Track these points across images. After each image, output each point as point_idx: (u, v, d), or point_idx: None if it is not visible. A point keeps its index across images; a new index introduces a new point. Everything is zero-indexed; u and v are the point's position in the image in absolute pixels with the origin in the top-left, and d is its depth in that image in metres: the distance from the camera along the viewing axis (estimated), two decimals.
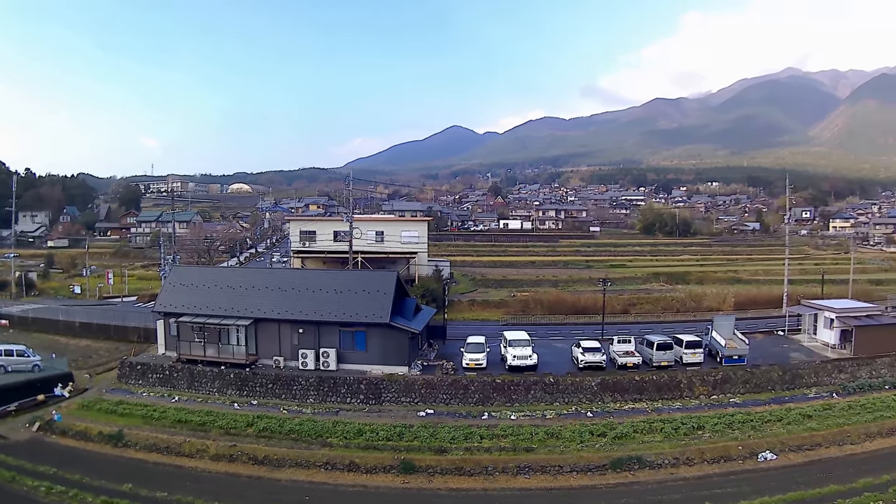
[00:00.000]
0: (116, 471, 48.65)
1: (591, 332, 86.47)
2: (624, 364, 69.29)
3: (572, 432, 53.84)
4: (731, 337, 77.42)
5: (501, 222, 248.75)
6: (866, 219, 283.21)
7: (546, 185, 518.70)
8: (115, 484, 45.78)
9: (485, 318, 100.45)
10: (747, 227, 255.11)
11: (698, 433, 55.51)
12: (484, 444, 51.75)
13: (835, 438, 57.11)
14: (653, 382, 65.55)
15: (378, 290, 68.67)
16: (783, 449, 54.81)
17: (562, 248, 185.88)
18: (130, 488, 45.39)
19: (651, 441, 53.69)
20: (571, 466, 49.13)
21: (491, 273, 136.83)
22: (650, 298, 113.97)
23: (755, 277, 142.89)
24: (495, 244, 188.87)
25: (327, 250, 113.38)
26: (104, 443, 54.56)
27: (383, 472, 48.19)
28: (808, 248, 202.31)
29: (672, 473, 49.51)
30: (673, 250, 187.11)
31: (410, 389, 62.36)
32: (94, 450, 53.63)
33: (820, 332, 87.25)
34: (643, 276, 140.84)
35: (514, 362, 67.25)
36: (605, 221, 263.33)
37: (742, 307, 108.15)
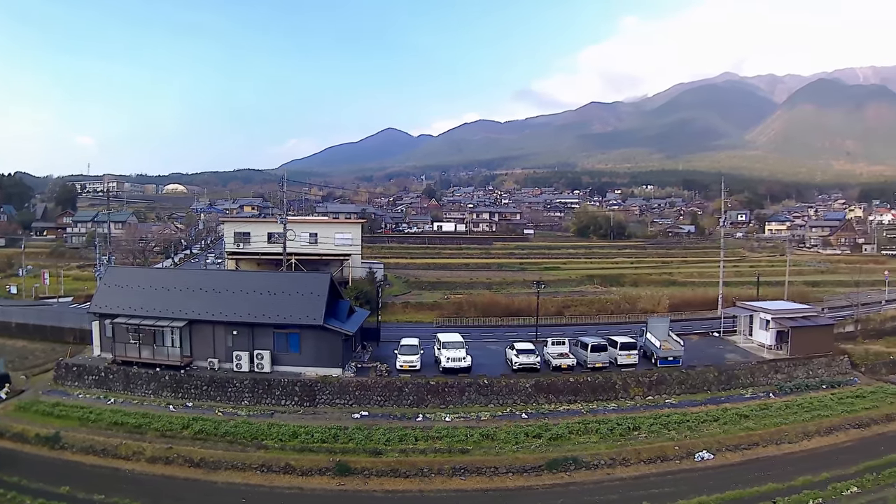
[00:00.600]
0: (54, 473, 49.44)
1: (525, 334, 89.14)
2: (558, 366, 71.40)
3: (507, 434, 55.54)
4: (666, 338, 79.77)
5: (435, 225, 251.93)
6: (802, 222, 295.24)
7: (480, 187, 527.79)
8: (52, 486, 46.64)
9: (418, 320, 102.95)
10: (682, 230, 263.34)
11: (634, 434, 57.57)
12: (419, 446, 53.29)
13: (772, 438, 59.62)
14: (587, 384, 67.92)
15: (312, 292, 70.54)
16: (720, 448, 56.88)
17: (496, 250, 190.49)
18: (68, 491, 46.17)
19: (587, 442, 55.55)
20: (507, 467, 50.68)
21: (425, 275, 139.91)
22: (584, 300, 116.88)
23: (690, 279, 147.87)
24: (429, 246, 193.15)
25: (261, 252, 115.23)
26: (41, 445, 55.20)
27: (319, 475, 49.38)
28: (743, 250, 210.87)
29: (609, 474, 51.26)
30: (607, 253, 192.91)
31: (345, 391, 63.98)
32: (32, 452, 54.31)
33: (756, 334, 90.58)
34: (577, 279, 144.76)
35: (448, 364, 69.08)
36: (540, 224, 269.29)
37: (677, 309, 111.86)
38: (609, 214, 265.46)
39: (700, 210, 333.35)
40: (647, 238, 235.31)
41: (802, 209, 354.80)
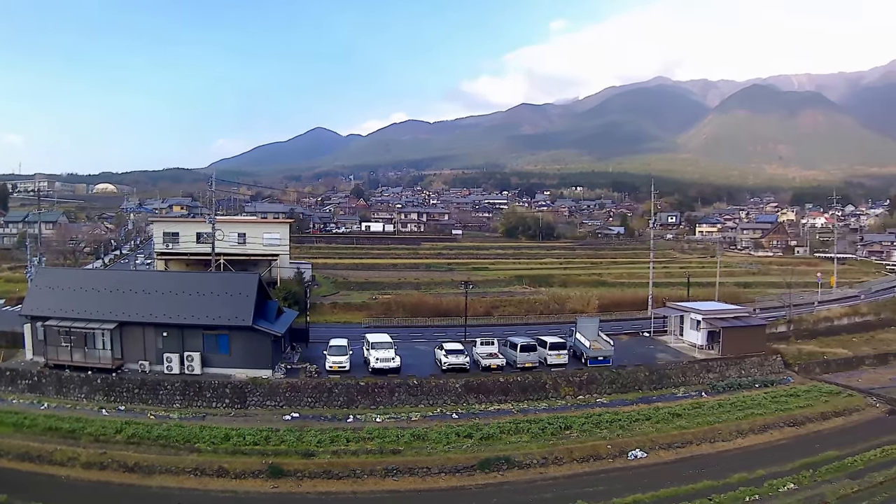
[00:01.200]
0: None
1: (454, 334, 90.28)
2: (488, 366, 72.82)
3: (438, 434, 56.55)
4: (596, 338, 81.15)
5: (363, 225, 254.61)
6: (734, 224, 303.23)
7: (409, 188, 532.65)
8: None
9: (347, 321, 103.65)
10: (612, 231, 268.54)
11: (566, 433, 58.88)
12: (351, 447, 53.94)
13: (705, 436, 61.08)
14: (517, 384, 69.52)
15: (240, 293, 71.26)
16: (653, 447, 58.06)
17: (424, 250, 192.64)
18: (6, 499, 45.53)
19: (518, 441, 56.66)
20: (439, 468, 51.50)
21: (353, 275, 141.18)
22: (513, 301, 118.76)
23: (620, 280, 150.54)
24: (357, 247, 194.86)
25: (190, 252, 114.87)
26: None
27: (252, 477, 49.73)
28: (673, 251, 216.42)
29: (541, 473, 52.32)
30: (536, 253, 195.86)
31: (275, 393, 64.79)
32: None
33: (687, 334, 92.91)
34: (506, 279, 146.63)
35: (378, 365, 70.19)
36: (468, 225, 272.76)
37: (606, 309, 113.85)
38: (538, 215, 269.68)
39: (630, 212, 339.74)
40: (577, 239, 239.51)
41: (734, 212, 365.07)
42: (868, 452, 58.69)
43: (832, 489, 50.59)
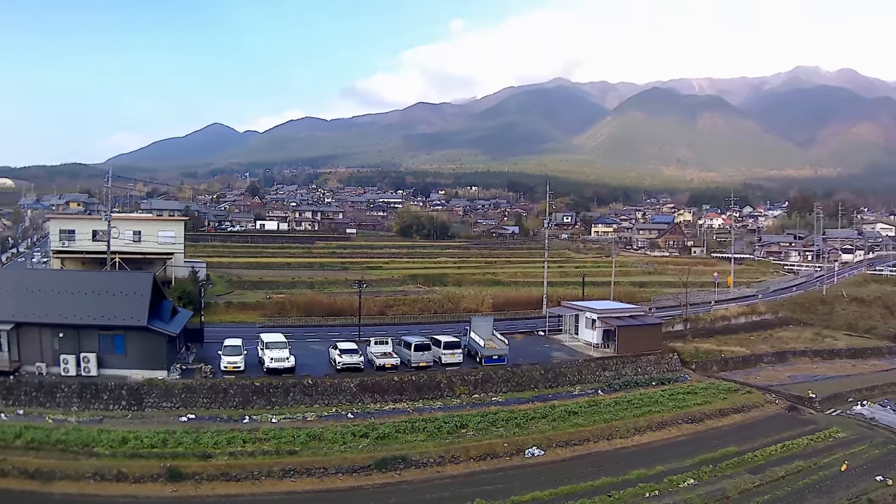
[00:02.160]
0: None
1: (349, 333, 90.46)
2: (382, 365, 74.09)
3: (334, 434, 57.21)
4: (490, 337, 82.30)
5: (258, 223, 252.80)
6: (630, 224, 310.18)
7: (304, 186, 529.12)
8: None
9: (242, 321, 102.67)
10: (506, 231, 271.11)
11: (462, 431, 60.10)
12: (247, 449, 54.21)
13: (603, 433, 62.84)
14: (412, 383, 70.71)
15: (135, 292, 70.68)
16: (550, 445, 59.25)
17: (318, 249, 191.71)
18: None
19: (415, 440, 57.70)
20: (336, 468, 52.31)
21: (247, 274, 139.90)
22: (407, 300, 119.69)
23: (514, 280, 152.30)
24: (252, 245, 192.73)
25: (86, 250, 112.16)
26: None
27: (151, 481, 49.42)
28: (568, 251, 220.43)
29: (439, 472, 53.62)
30: (430, 252, 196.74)
31: (171, 394, 64.45)
32: None
33: (582, 332, 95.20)
34: (400, 278, 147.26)
35: (272, 365, 70.72)
36: (362, 223, 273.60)
37: (501, 308, 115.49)
38: (432, 214, 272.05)
39: (525, 211, 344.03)
40: (471, 238, 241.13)
41: (630, 212, 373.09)
42: (768, 448, 61.46)
43: (733, 484, 52.56)
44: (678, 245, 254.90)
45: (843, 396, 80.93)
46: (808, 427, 68.85)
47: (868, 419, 72.90)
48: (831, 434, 66.60)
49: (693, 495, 50.13)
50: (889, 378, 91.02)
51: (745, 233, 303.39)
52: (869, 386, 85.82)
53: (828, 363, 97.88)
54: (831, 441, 64.91)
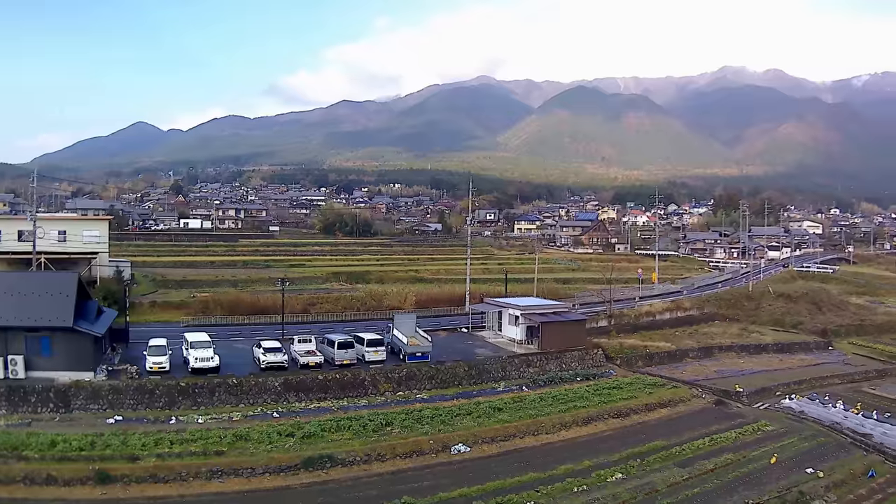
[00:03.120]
0: None
1: (272, 332, 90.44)
2: (306, 363, 74.76)
3: (260, 433, 57.47)
4: (413, 334, 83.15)
5: (182, 221, 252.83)
6: (553, 221, 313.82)
7: (228, 184, 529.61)
8: None
9: (166, 320, 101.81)
10: (429, 228, 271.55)
11: (387, 429, 60.50)
12: (175, 450, 53.86)
13: (529, 429, 63.52)
14: (336, 381, 71.29)
15: (60, 293, 70.54)
16: (477, 441, 59.60)
17: (241, 247, 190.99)
18: None
19: (340, 439, 58.10)
20: (264, 468, 52.51)
21: (171, 273, 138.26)
22: (330, 298, 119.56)
23: (437, 277, 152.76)
24: (175, 244, 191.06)
25: (12, 251, 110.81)
26: None
27: (81, 484, 48.88)
28: (491, 248, 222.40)
29: (365, 470, 54.01)
30: (353, 250, 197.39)
31: (98, 396, 64.15)
32: None
33: (505, 329, 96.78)
34: (323, 276, 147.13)
35: (197, 364, 70.92)
36: (285, 221, 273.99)
37: (424, 305, 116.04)
38: (355, 212, 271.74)
39: (448, 209, 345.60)
40: (394, 236, 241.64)
41: (554, 209, 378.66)
42: (696, 441, 62.67)
43: (662, 478, 53.30)
44: (602, 242, 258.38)
45: (770, 390, 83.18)
46: (735, 421, 70.29)
47: (797, 412, 74.87)
48: (760, 427, 68.03)
49: (622, 489, 50.59)
50: (817, 372, 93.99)
51: (670, 230, 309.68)
52: (797, 380, 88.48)
53: (755, 358, 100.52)
54: (760, 434, 66.31)
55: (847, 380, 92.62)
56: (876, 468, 58.81)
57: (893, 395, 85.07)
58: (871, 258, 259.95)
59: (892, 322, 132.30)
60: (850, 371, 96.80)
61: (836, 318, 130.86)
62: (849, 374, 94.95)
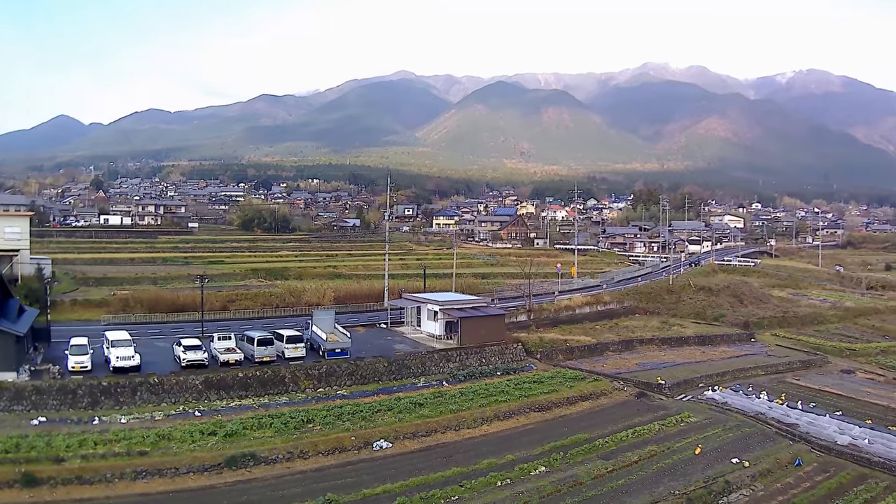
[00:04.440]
0: None
1: (192, 329, 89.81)
2: (226, 361, 74.73)
3: (183, 433, 57.42)
4: (332, 331, 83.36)
5: (102, 217, 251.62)
6: (472, 217, 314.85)
7: (147, 179, 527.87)
8: None
9: (87, 319, 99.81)
10: (347, 224, 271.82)
11: (309, 426, 61.01)
12: (99, 451, 53.66)
13: (450, 424, 64.18)
14: (257, 378, 71.88)
15: None
16: (398, 437, 60.02)
17: (161, 244, 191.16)
18: None
19: (262, 437, 58.52)
20: (187, 467, 52.62)
21: (92, 271, 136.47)
22: (249, 294, 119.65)
23: (355, 272, 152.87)
24: (96, 240, 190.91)
25: None
26: None
27: (8, 487, 48.69)
28: (410, 243, 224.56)
29: (288, 468, 54.49)
30: (272, 246, 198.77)
31: (21, 396, 63.49)
32: None
33: (425, 324, 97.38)
34: (242, 272, 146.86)
35: (118, 363, 70.39)
36: (204, 217, 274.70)
37: (343, 301, 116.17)
38: (274, 208, 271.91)
39: (366, 204, 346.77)
40: (312, 231, 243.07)
41: (472, 205, 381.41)
42: (619, 434, 63.64)
43: (586, 470, 54.05)
44: (521, 237, 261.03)
45: (693, 382, 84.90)
46: (658, 413, 71.64)
47: (720, 404, 76.43)
48: (683, 419, 69.52)
49: (545, 483, 51.12)
50: (740, 364, 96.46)
51: (590, 225, 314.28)
52: (720, 372, 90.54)
53: (676, 350, 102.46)
54: (683, 426, 67.73)
55: (771, 371, 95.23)
56: (802, 457, 60.72)
57: (818, 385, 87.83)
58: (793, 252, 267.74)
59: (815, 314, 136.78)
60: (774, 362, 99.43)
61: (758, 311, 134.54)
62: (772, 366, 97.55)
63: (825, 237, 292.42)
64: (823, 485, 55.25)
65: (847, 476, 57.22)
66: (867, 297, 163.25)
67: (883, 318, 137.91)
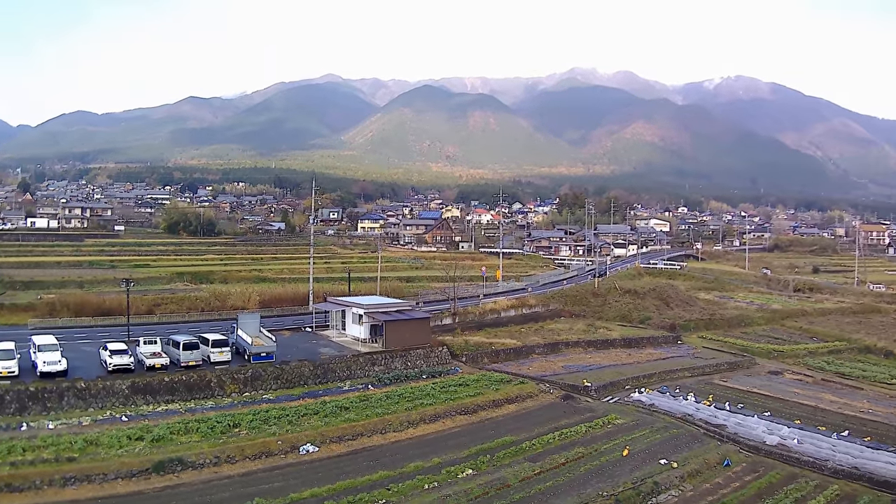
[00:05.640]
0: None
1: (119, 333, 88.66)
2: (152, 365, 74.24)
3: (111, 438, 57.00)
4: (258, 334, 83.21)
5: (29, 220, 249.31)
6: (397, 220, 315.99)
7: (75, 181, 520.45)
8: None
9: (14, 323, 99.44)
10: (273, 227, 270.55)
11: (235, 431, 61.22)
12: (28, 457, 53.20)
13: (376, 427, 64.50)
14: (183, 383, 71.54)
15: None
16: (324, 441, 59.99)
17: (87, 247, 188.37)
18: None
19: (189, 442, 58.23)
20: (116, 473, 52.18)
21: (18, 274, 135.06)
22: (175, 298, 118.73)
23: (281, 276, 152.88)
24: (22, 243, 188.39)
25: None
26: None
27: None
28: (335, 247, 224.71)
29: (216, 472, 54.30)
30: (197, 250, 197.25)
31: None
32: None
33: (349, 328, 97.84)
34: (168, 276, 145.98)
35: (45, 368, 69.55)
36: (130, 220, 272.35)
37: (268, 305, 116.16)
38: (199, 211, 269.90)
39: (291, 208, 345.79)
40: (237, 235, 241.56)
41: (397, 208, 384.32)
42: (546, 436, 64.26)
43: (513, 472, 54.52)
44: (446, 240, 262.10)
45: (620, 384, 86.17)
46: (585, 415, 72.40)
47: (647, 405, 77.66)
48: (610, 421, 70.37)
49: (473, 485, 51.44)
50: (666, 366, 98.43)
51: (515, 228, 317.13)
52: (646, 374, 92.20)
53: (602, 353, 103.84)
54: (611, 428, 68.58)
55: (698, 373, 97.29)
56: (731, 457, 62.00)
57: (745, 386, 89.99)
58: (719, 255, 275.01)
59: (741, 316, 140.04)
60: (701, 364, 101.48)
61: (684, 314, 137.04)
62: (699, 367, 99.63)
63: (752, 241, 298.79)
64: (753, 484, 56.38)
65: (777, 475, 58.57)
66: (794, 300, 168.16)
67: (810, 319, 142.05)
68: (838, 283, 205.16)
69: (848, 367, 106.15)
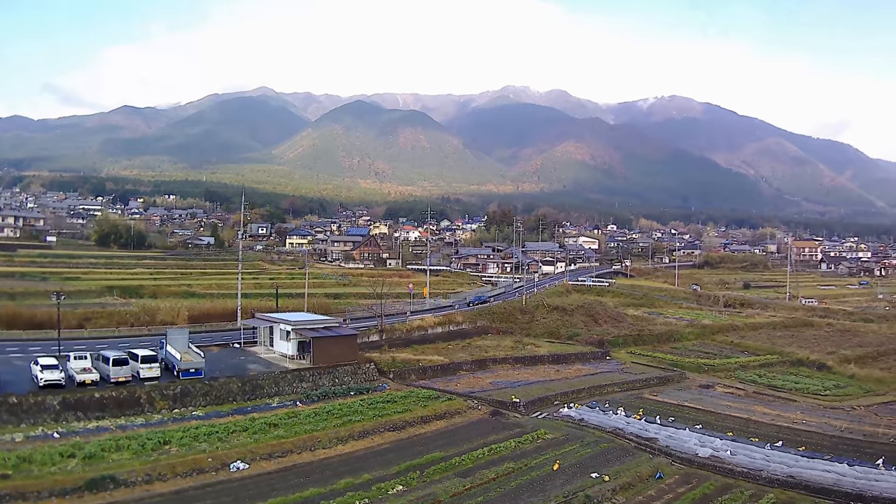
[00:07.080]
0: None
1: (50, 348, 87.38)
2: (83, 381, 73.30)
3: (43, 455, 56.26)
4: (187, 350, 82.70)
5: None
6: (325, 236, 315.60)
7: (8, 189, 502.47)
8: None
9: None
10: (202, 242, 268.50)
11: (166, 448, 60.30)
12: None
13: (305, 444, 64.51)
14: (113, 399, 71.03)
15: None
16: (254, 458, 59.82)
17: (19, 258, 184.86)
18: None
19: (121, 459, 57.52)
20: (49, 491, 51.24)
21: None
22: (105, 312, 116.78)
23: (209, 291, 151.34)
24: None
25: None
26: None
27: None
28: (263, 263, 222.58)
29: (147, 490, 53.56)
30: (127, 263, 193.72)
31: None
32: None
33: (277, 344, 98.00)
34: (98, 290, 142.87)
35: None
36: (62, 231, 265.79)
37: (197, 321, 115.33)
38: (130, 223, 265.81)
39: (221, 222, 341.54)
40: (167, 249, 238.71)
41: (325, 224, 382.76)
42: (475, 451, 64.58)
43: (443, 488, 54.73)
44: (374, 257, 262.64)
45: (548, 400, 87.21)
46: (514, 430, 72.91)
47: (576, 420, 78.59)
48: (539, 436, 70.97)
49: (403, 501, 51.62)
50: (595, 381, 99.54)
51: (443, 245, 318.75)
52: (575, 389, 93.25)
53: (530, 369, 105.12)
54: (540, 442, 69.17)
55: (627, 387, 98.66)
56: (663, 470, 62.88)
57: (676, 400, 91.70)
58: (648, 272, 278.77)
59: (671, 332, 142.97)
60: (631, 379, 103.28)
61: (613, 330, 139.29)
62: (629, 382, 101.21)
63: (682, 257, 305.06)
64: (687, 495, 57.25)
65: (710, 486, 59.53)
66: (725, 315, 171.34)
67: (741, 334, 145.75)
68: (770, 298, 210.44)
69: (780, 379, 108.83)
